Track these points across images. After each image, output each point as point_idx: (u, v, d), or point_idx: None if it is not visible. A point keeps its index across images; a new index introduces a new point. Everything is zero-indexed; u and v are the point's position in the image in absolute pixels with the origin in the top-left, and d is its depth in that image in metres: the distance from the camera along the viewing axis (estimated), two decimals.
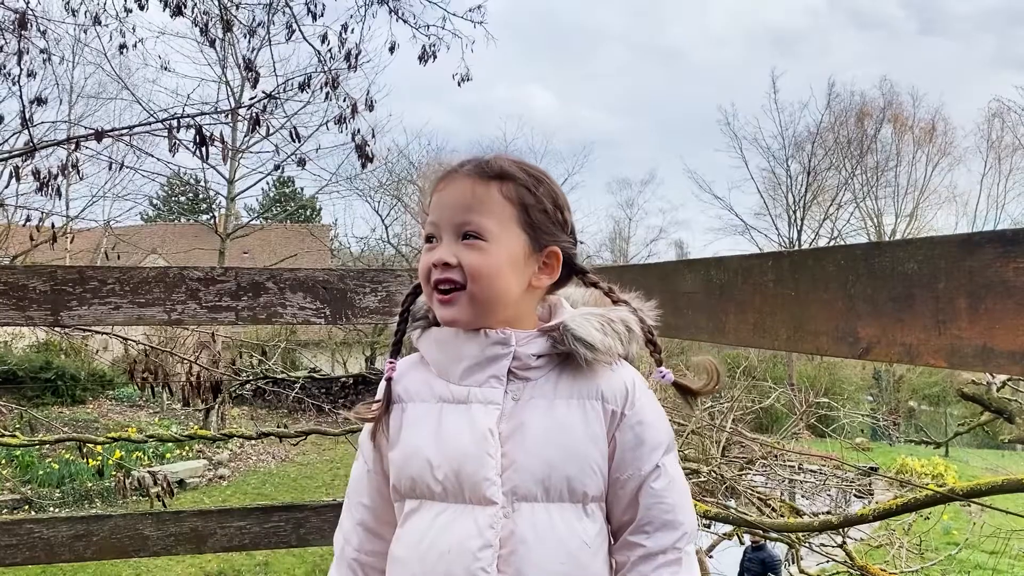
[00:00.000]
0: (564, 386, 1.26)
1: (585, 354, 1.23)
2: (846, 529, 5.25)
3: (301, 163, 8.10)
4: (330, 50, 6.81)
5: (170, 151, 5.23)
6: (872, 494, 10.64)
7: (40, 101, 6.77)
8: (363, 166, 7.00)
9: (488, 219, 1.24)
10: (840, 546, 5.44)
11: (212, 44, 7.83)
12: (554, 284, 1.34)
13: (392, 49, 7.01)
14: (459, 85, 7.27)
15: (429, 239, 1.27)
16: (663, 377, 1.29)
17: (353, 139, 6.52)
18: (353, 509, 1.36)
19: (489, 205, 1.25)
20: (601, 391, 1.26)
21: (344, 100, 6.68)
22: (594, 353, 1.23)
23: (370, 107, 6.82)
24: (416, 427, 1.27)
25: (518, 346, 1.25)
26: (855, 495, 10.02)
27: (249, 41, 7.73)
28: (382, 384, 1.34)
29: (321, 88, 6.82)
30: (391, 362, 1.34)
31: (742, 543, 8.49)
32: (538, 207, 1.27)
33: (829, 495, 9.42)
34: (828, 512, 7.84)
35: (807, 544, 5.97)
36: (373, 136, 6.77)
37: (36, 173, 5.40)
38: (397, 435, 1.29)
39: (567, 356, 1.26)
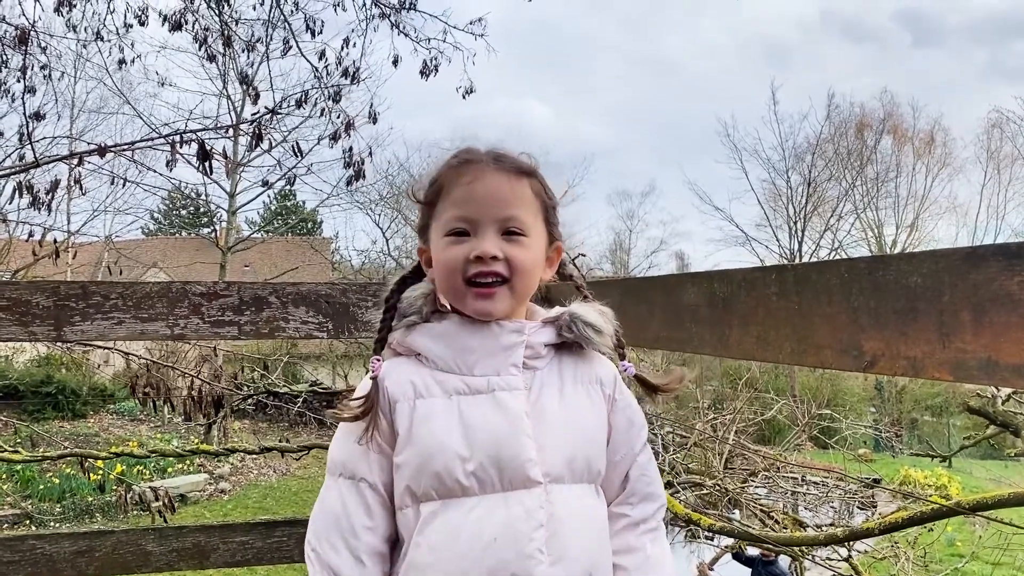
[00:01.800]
0: (568, 373, 1.31)
1: (595, 340, 1.30)
2: (851, 542, 5.23)
3: (291, 181, 8.16)
4: (327, 66, 6.84)
5: (167, 165, 5.24)
6: (875, 506, 10.60)
7: (38, 116, 6.79)
8: (349, 183, 7.05)
9: (527, 215, 1.28)
10: (846, 559, 5.41)
11: (212, 59, 7.85)
12: None
13: (395, 63, 7.05)
14: (464, 97, 7.30)
15: (459, 232, 1.25)
16: (626, 370, 1.36)
17: (345, 156, 6.54)
18: (348, 540, 1.23)
19: (526, 201, 1.29)
20: (599, 376, 1.34)
21: (339, 117, 6.70)
22: (600, 337, 1.30)
23: (373, 120, 6.85)
24: (433, 423, 1.22)
25: (529, 336, 1.28)
26: (858, 507, 9.98)
27: (248, 56, 7.77)
28: (364, 383, 1.28)
29: (316, 104, 6.85)
30: (377, 359, 1.30)
31: (744, 553, 8.45)
32: (551, 203, 1.33)
33: (832, 507, 9.38)
34: (832, 524, 7.81)
35: (811, 557, 5.94)
36: (370, 153, 6.81)
37: (29, 187, 5.40)
38: (407, 435, 1.23)
39: (562, 348, 1.33)
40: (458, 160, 1.30)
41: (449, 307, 1.32)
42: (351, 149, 6.58)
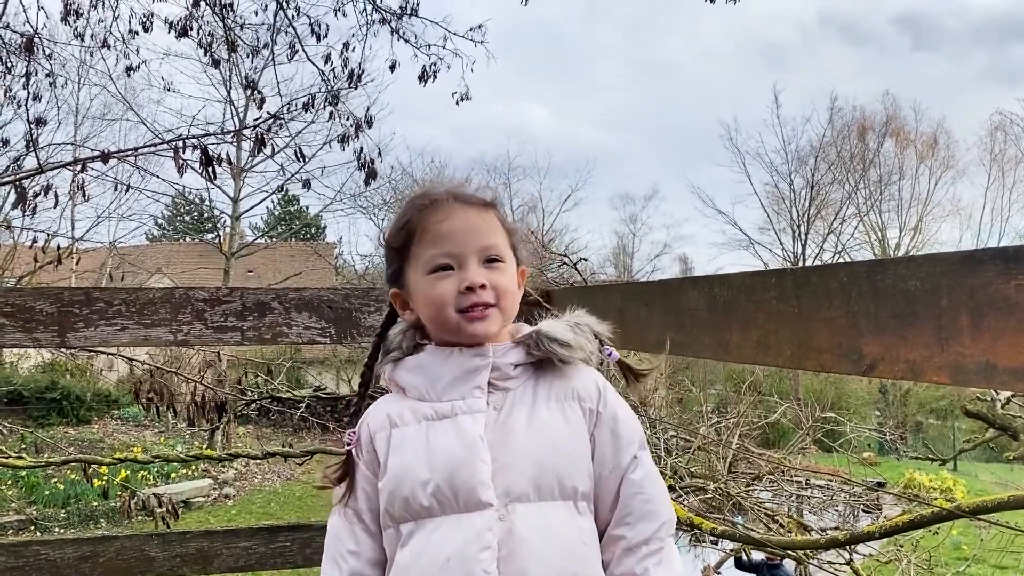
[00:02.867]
0: (542, 391, 1.33)
1: (562, 353, 1.32)
2: (853, 546, 5.22)
3: (306, 184, 8.19)
4: (333, 70, 6.86)
5: (178, 171, 5.26)
6: (880, 509, 10.57)
7: (40, 122, 6.81)
8: (367, 183, 7.10)
9: (501, 242, 1.35)
10: (848, 563, 5.40)
11: (216, 65, 7.89)
12: None
13: (392, 68, 7.06)
14: (458, 104, 7.30)
15: (443, 268, 1.31)
16: (610, 355, 1.38)
17: (358, 158, 6.58)
18: (338, 562, 1.33)
19: (497, 230, 1.35)
20: (577, 391, 1.34)
21: (348, 119, 6.73)
22: (570, 351, 1.32)
23: (369, 123, 6.86)
24: (403, 450, 1.29)
25: (495, 357, 1.31)
26: (863, 510, 9.95)
27: (253, 61, 7.80)
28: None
29: (324, 107, 6.88)
30: (352, 432, 1.36)
31: (749, 559, 8.44)
32: (513, 230, 1.40)
33: (837, 510, 9.36)
34: (835, 528, 7.79)
35: (814, 561, 5.93)
36: (380, 154, 6.84)
37: (21, 190, 5.40)
38: (384, 463, 1.31)
39: (540, 365, 1.34)
40: (425, 201, 1.36)
41: (428, 340, 1.37)
42: (361, 150, 6.64)
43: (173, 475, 14.80)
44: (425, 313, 1.33)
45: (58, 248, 7.00)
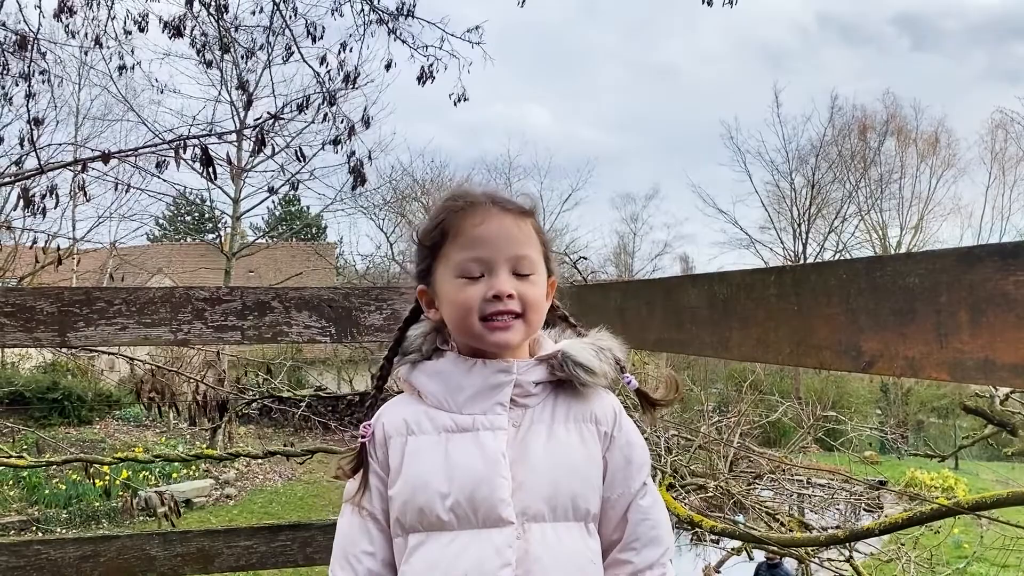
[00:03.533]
0: (560, 411, 1.32)
1: (584, 378, 1.31)
2: (853, 544, 5.22)
3: (294, 186, 8.21)
4: (328, 71, 6.86)
5: (157, 167, 5.25)
6: (881, 508, 10.57)
7: (37, 122, 6.80)
8: (354, 187, 7.10)
9: (534, 253, 1.32)
10: (847, 560, 5.40)
11: (210, 65, 7.91)
12: None
13: (388, 67, 7.06)
14: (455, 104, 7.29)
15: (473, 273, 1.29)
16: (628, 383, 1.37)
17: (348, 161, 6.58)
18: (352, 563, 1.31)
19: (531, 240, 1.33)
20: (595, 414, 1.34)
21: (342, 122, 6.73)
22: (592, 377, 1.31)
23: (366, 124, 6.86)
24: (420, 459, 1.28)
25: (519, 374, 1.30)
26: (864, 509, 9.95)
27: (246, 62, 7.80)
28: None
29: (318, 109, 6.88)
30: (367, 425, 1.34)
31: (751, 558, 8.44)
32: (547, 241, 1.37)
33: (838, 509, 9.36)
34: (836, 527, 7.79)
35: (815, 559, 5.93)
36: (370, 158, 6.84)
37: (25, 191, 5.40)
38: (398, 469, 1.29)
39: (560, 383, 1.33)
40: (462, 203, 1.33)
41: (451, 345, 1.36)
42: (353, 153, 6.63)
43: (174, 475, 14.80)
44: (449, 315, 1.31)
45: (58, 248, 6.99)
